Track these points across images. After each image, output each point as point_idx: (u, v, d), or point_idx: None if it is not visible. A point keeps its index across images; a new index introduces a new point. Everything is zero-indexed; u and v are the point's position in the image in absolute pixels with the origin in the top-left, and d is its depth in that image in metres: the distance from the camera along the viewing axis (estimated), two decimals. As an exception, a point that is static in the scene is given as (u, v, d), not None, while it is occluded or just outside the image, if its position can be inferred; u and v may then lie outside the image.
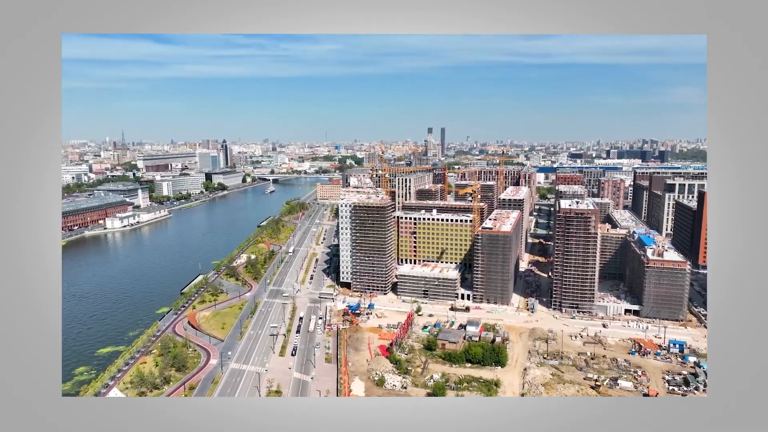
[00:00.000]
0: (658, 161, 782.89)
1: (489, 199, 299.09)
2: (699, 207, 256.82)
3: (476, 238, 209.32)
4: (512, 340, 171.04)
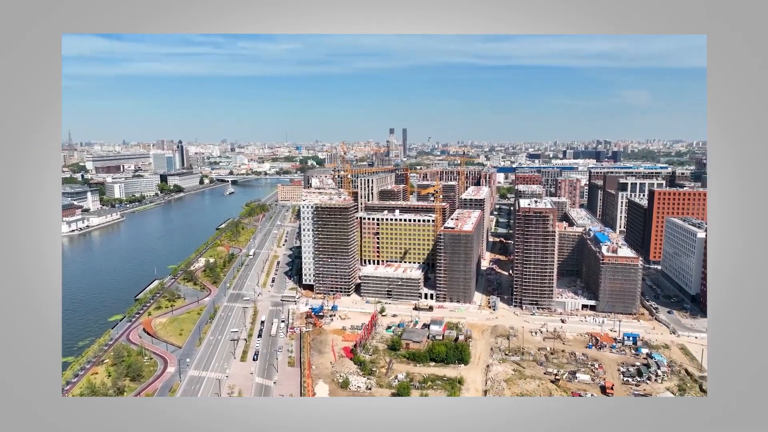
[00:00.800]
0: (612, 161, 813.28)
1: (451, 199, 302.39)
2: (649, 205, 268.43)
3: (439, 238, 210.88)
4: (475, 338, 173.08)
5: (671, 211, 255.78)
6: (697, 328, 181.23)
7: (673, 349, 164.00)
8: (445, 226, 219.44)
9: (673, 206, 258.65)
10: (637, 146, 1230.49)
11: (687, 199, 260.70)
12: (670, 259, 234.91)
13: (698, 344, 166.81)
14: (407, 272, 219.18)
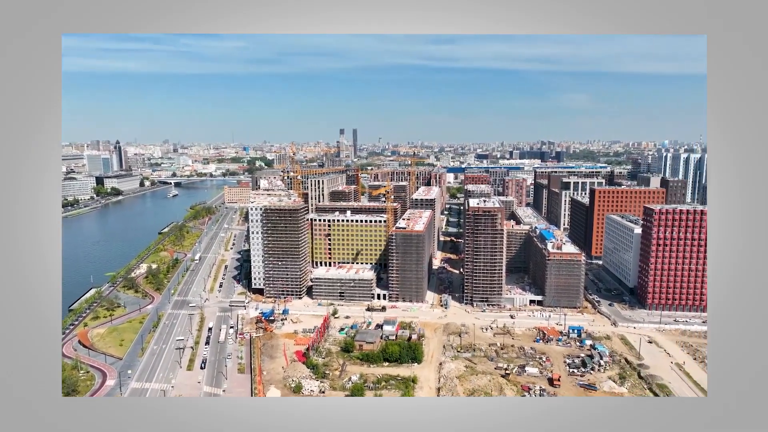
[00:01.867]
0: (555, 161, 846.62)
1: (402, 200, 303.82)
2: (591, 203, 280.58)
3: (390, 238, 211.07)
4: (428, 337, 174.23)
5: (610, 208, 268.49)
6: (635, 319, 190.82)
7: (614, 339, 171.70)
8: (396, 226, 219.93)
9: (612, 204, 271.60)
10: (578, 147, 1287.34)
11: (625, 197, 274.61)
12: (610, 254, 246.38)
13: (636, 334, 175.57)
14: (360, 273, 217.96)
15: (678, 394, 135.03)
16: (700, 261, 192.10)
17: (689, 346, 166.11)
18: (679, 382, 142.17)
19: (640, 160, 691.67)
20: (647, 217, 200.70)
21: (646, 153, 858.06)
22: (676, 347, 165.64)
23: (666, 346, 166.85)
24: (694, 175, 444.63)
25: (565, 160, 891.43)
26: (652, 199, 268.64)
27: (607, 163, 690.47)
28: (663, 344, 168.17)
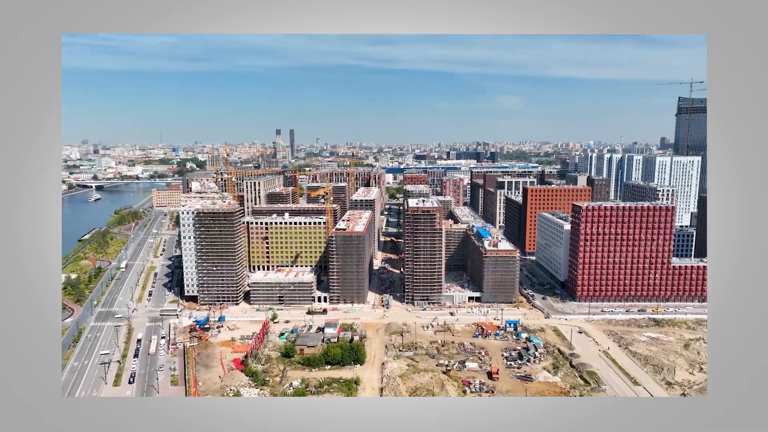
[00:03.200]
0: (490, 161, 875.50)
1: (341, 201, 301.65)
2: (524, 201, 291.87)
3: (330, 240, 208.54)
4: (370, 337, 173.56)
5: (542, 206, 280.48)
6: (566, 311, 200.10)
7: (548, 331, 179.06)
8: (336, 227, 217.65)
9: (543, 202, 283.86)
10: (511, 147, 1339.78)
11: (555, 196, 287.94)
12: (542, 249, 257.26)
13: (568, 325, 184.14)
14: (299, 276, 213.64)
15: (605, 379, 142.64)
16: (624, 254, 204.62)
17: (615, 334, 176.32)
18: (606, 369, 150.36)
19: (568, 160, 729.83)
20: (575, 214, 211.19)
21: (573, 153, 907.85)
22: (603, 336, 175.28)
23: (594, 335, 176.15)
24: (617, 173, 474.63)
25: (500, 160, 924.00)
26: (580, 197, 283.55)
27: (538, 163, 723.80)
28: (592, 333, 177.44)
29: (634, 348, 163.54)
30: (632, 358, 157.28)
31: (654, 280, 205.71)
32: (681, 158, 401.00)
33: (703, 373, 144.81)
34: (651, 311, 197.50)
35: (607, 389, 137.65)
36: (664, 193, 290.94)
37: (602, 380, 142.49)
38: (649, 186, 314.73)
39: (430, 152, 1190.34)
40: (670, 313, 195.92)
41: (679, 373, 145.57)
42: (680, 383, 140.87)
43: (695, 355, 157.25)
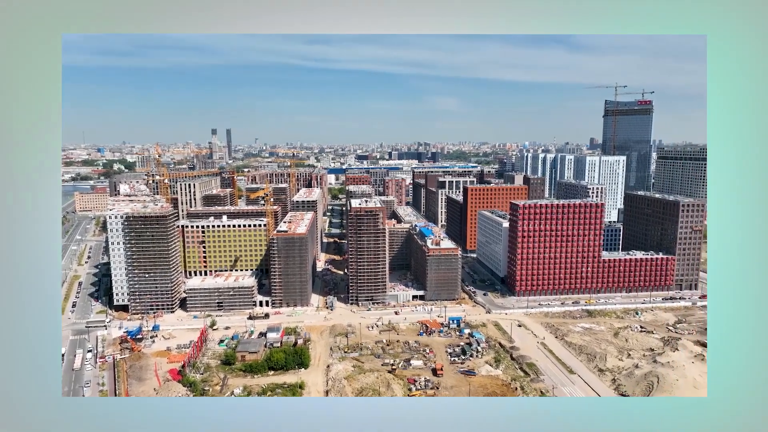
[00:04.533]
0: (431, 161, 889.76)
1: (282, 202, 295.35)
2: (464, 200, 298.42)
3: (271, 242, 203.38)
4: (314, 340, 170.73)
5: (482, 204, 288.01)
6: (506, 306, 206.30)
7: (489, 326, 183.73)
8: (277, 229, 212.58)
9: (483, 201, 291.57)
10: (452, 148, 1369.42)
11: (493, 194, 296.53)
12: (483, 247, 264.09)
13: (508, 319, 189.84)
14: (239, 281, 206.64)
15: (543, 369, 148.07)
16: (558, 250, 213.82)
17: (551, 326, 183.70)
18: (544, 359, 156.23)
19: (506, 160, 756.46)
20: (513, 212, 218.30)
21: (510, 153, 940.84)
22: (541, 328, 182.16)
23: (533, 328, 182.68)
24: (551, 172, 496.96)
25: (440, 160, 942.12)
26: (517, 195, 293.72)
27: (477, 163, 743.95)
28: (530, 326, 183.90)
29: (570, 338, 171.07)
30: (568, 348, 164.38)
31: (586, 273, 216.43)
32: (608, 158, 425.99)
33: (631, 358, 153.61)
34: (584, 303, 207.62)
35: (545, 379, 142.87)
36: (594, 190, 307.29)
37: (540, 371, 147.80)
38: (581, 184, 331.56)
39: (372, 152, 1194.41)
40: (601, 304, 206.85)
41: (610, 360, 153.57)
42: (611, 369, 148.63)
43: (624, 342, 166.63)
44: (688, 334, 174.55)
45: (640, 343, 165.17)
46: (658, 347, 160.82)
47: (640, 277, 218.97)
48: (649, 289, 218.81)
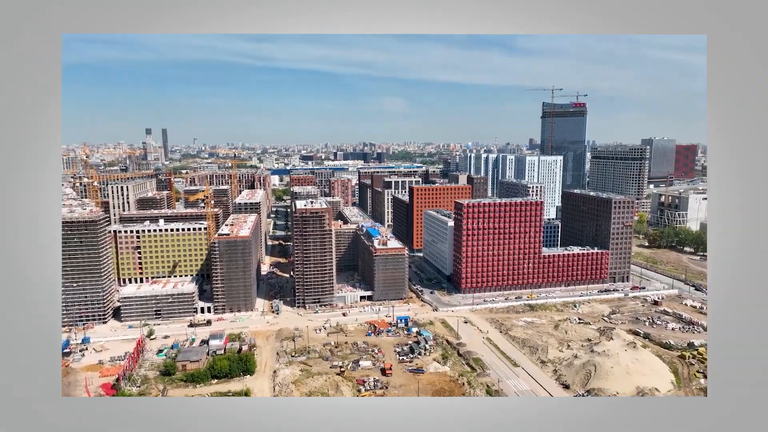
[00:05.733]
0: (377, 162, 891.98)
1: (224, 204, 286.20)
2: (410, 200, 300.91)
3: (213, 246, 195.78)
4: (260, 346, 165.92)
5: (427, 204, 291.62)
6: (452, 303, 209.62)
7: (437, 324, 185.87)
8: (219, 233, 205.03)
9: (428, 200, 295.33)
10: (397, 148, 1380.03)
11: (438, 194, 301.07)
12: (429, 246, 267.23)
13: (454, 316, 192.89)
14: (178, 287, 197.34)
15: (489, 364, 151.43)
16: (501, 247, 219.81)
17: (496, 321, 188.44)
18: (490, 354, 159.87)
19: (450, 160, 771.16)
20: (458, 211, 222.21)
21: (454, 154, 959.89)
22: (486, 323, 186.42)
23: (478, 323, 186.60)
24: (493, 172, 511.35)
25: (386, 160, 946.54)
26: (461, 194, 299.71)
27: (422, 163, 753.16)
28: (476, 322, 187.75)
29: (513, 332, 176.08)
30: (512, 342, 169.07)
31: (528, 269, 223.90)
32: (546, 158, 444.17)
33: (570, 349, 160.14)
34: (526, 297, 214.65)
35: (491, 373, 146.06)
36: (534, 189, 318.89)
37: (486, 365, 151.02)
38: (521, 183, 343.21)
39: (317, 153, 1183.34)
40: (542, 298, 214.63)
41: (551, 352, 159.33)
42: (552, 360, 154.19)
43: (563, 334, 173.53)
44: (621, 323, 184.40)
45: (578, 334, 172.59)
46: (594, 337, 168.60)
47: (578, 271, 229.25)
48: (585, 282, 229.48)
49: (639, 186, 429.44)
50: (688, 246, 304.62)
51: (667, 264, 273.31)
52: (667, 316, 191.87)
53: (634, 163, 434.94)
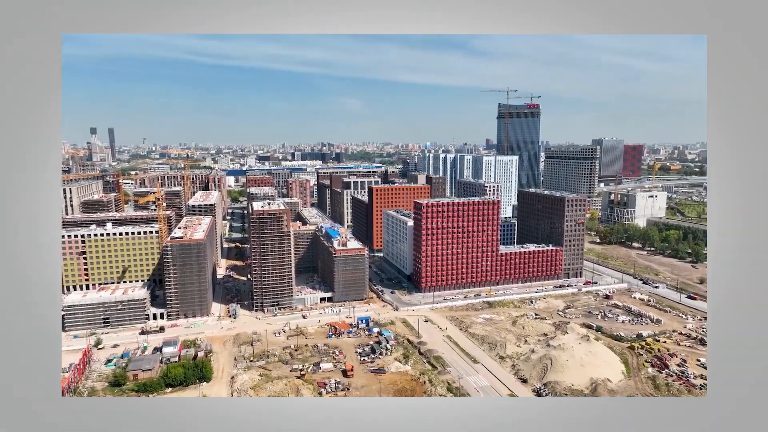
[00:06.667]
0: (336, 162, 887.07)
1: (176, 206, 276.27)
2: (370, 200, 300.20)
3: (165, 250, 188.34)
4: (216, 351, 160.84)
5: (387, 204, 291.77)
6: (413, 302, 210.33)
7: (397, 323, 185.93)
8: (172, 236, 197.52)
9: (387, 200, 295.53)
10: (356, 148, 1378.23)
11: (398, 194, 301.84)
12: (389, 245, 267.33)
13: (415, 316, 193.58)
14: (129, 293, 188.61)
15: (449, 361, 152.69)
16: (460, 245, 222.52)
17: (456, 319, 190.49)
18: (450, 352, 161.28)
19: (409, 160, 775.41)
20: (417, 211, 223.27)
21: (413, 154, 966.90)
22: (446, 321, 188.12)
23: (438, 322, 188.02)
24: (451, 172, 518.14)
25: (345, 160, 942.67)
26: (420, 194, 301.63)
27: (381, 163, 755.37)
28: (436, 321, 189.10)
29: (473, 330, 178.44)
30: (471, 339, 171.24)
31: (486, 267, 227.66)
32: (503, 157, 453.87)
33: (528, 344, 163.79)
34: (485, 295, 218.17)
35: (451, 371, 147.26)
36: (491, 188, 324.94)
37: (447, 363, 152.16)
38: (479, 183, 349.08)
39: (274, 153, 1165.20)
40: (500, 295, 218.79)
41: (509, 347, 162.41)
42: (510, 356, 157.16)
43: (521, 330, 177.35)
44: (575, 317, 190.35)
45: (535, 330, 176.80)
46: (550, 332, 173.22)
47: (534, 268, 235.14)
48: (541, 278, 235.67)
49: (590, 184, 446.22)
50: (636, 242, 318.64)
51: (617, 259, 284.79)
52: (617, 309, 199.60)
53: (586, 162, 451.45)
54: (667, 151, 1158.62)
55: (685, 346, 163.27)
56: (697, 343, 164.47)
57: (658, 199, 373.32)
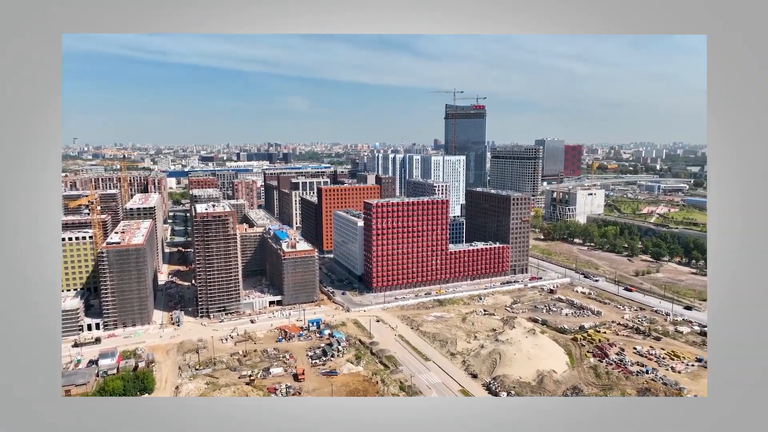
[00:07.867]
0: (284, 162, 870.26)
1: (112, 210, 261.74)
2: (319, 201, 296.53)
3: (101, 256, 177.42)
4: (159, 361, 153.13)
5: (336, 205, 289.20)
6: (364, 303, 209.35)
7: (349, 324, 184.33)
8: (107, 241, 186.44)
9: (337, 201, 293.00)
10: (304, 148, 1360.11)
11: (347, 194, 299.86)
12: (339, 246, 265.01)
13: (367, 316, 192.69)
14: (60, 303, 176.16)
15: (401, 360, 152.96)
16: (410, 245, 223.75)
17: (407, 318, 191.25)
18: (402, 351, 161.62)
19: (358, 160, 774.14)
20: (367, 211, 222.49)
21: (362, 154, 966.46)
22: (398, 321, 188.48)
23: (390, 321, 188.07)
24: (400, 172, 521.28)
25: (293, 161, 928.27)
26: (370, 194, 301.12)
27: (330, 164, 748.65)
28: (388, 320, 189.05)
29: (424, 328, 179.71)
30: (423, 337, 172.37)
31: (436, 265, 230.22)
32: (450, 157, 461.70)
33: (477, 340, 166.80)
34: (435, 293, 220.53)
35: (404, 369, 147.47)
36: (440, 188, 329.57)
37: (399, 362, 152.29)
38: (428, 182, 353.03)
39: (218, 154, 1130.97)
40: (450, 292, 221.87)
41: (459, 344, 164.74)
42: (461, 352, 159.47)
43: (470, 326, 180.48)
44: (522, 312, 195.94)
45: (484, 325, 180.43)
46: (498, 327, 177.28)
47: (482, 265, 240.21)
48: (489, 275, 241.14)
49: (534, 183, 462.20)
50: (578, 237, 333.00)
51: (560, 255, 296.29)
52: (561, 303, 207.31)
53: (530, 162, 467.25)
54: (604, 151, 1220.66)
55: (623, 335, 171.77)
56: (633, 333, 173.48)
57: (596, 196, 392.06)
